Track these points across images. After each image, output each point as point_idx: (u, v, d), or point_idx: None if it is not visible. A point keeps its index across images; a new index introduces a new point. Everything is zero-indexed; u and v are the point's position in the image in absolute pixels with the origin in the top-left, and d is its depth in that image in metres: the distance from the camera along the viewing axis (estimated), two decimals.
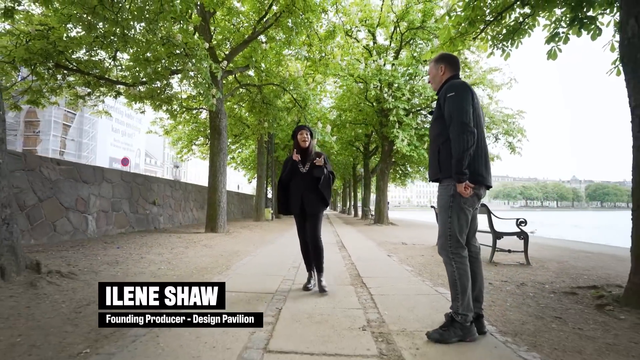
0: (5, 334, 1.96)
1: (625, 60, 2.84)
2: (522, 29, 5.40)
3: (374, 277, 3.88)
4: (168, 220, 10.93)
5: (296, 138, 3.29)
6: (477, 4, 4.75)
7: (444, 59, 2.31)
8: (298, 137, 3.27)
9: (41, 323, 2.15)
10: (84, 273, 3.44)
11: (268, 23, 9.40)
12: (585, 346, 2.00)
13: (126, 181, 8.91)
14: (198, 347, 1.90)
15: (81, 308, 2.45)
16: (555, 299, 3.02)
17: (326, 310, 2.61)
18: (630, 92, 2.82)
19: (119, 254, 4.86)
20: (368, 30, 14.83)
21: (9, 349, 1.78)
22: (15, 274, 2.88)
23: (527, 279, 3.81)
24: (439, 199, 2.22)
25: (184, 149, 19.36)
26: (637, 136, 2.74)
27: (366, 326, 2.30)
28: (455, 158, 2.00)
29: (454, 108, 2.05)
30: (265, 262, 4.80)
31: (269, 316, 2.46)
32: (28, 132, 38.72)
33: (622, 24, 2.87)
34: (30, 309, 2.37)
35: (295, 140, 3.29)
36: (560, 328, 2.30)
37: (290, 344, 1.97)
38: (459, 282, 2.08)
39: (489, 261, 4.90)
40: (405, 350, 1.92)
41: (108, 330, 2.10)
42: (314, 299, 2.94)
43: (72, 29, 8.72)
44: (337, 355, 1.83)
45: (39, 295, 2.63)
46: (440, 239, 2.21)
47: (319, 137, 10.01)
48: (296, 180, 3.23)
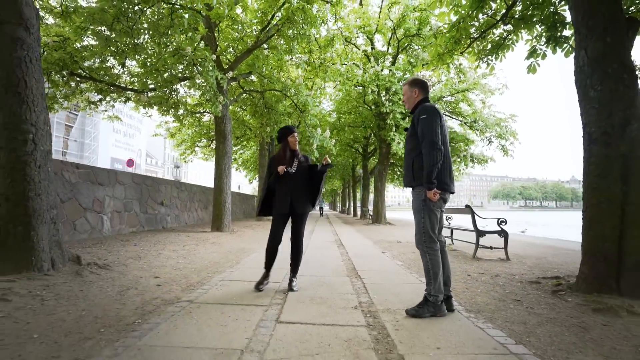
0: (72, 309, 2.47)
1: (578, 85, 3.36)
2: (505, 44, 5.92)
3: (368, 270, 4.40)
4: (175, 220, 11.45)
5: (287, 139, 3.29)
6: (461, 26, 5.26)
7: (417, 84, 2.77)
8: (290, 139, 3.29)
9: (96, 302, 2.67)
10: (115, 265, 3.97)
11: (270, 33, 9.92)
12: (530, 319, 2.52)
13: (137, 183, 9.43)
14: (224, 319, 2.41)
15: (123, 292, 2.97)
16: (521, 287, 3.54)
17: (325, 295, 3.13)
18: (582, 111, 3.33)
19: (138, 250, 5.38)
20: (366, 36, 15.36)
21: (79, 319, 2.30)
22: (62, 265, 3.39)
23: (502, 272, 4.33)
24: (414, 202, 2.69)
25: (187, 150, 19.90)
26: (586, 149, 3.26)
27: (358, 306, 2.82)
28: (426, 170, 2.50)
29: (426, 128, 2.52)
30: None
31: (278, 299, 2.98)
32: None
33: (576, 54, 3.39)
34: (83, 292, 2.88)
35: (286, 141, 3.30)
36: (515, 307, 2.82)
37: (296, 318, 2.48)
38: (431, 270, 2.60)
39: (472, 257, 5.42)
40: (387, 322, 2.44)
41: (150, 307, 2.62)
42: (314, 287, 3.45)
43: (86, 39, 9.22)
44: (334, 325, 2.35)
45: (86, 282, 3.15)
46: (417, 236, 2.71)
47: (317, 142, 10.50)
48: (284, 181, 3.23)
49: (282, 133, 3.34)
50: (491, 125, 13.81)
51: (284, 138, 3.31)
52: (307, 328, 2.27)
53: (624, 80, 3.07)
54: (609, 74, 3.11)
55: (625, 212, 3.00)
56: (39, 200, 3.26)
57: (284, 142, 3.31)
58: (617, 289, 2.96)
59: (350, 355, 1.88)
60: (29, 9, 3.40)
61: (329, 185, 47.05)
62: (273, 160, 3.34)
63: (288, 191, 3.24)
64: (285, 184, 3.24)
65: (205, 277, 3.79)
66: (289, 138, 3.29)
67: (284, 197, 3.23)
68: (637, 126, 3.02)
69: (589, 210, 3.20)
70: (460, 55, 6.37)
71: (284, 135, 3.31)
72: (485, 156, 15.17)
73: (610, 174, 3.06)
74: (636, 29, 3.28)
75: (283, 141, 3.31)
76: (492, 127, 13.80)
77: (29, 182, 3.21)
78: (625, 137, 3.03)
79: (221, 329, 2.22)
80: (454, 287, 3.50)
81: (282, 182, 3.24)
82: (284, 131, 3.34)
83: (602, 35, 3.15)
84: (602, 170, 3.11)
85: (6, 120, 3.17)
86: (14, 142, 3.18)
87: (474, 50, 6.15)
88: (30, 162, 3.24)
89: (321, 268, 4.49)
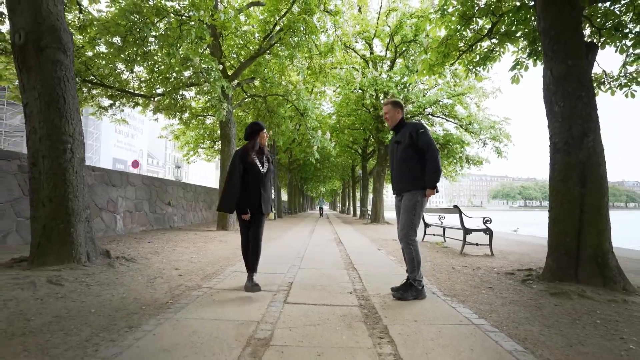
0: (114, 292, 2.97)
1: (545, 100, 3.85)
2: (492, 56, 6.40)
3: (363, 264, 4.89)
4: (181, 219, 11.95)
5: (257, 137, 3.21)
6: (449, 42, 5.75)
7: (399, 105, 3.28)
8: (262, 136, 3.23)
9: (131, 287, 3.16)
10: (139, 259, 4.46)
11: (273, 40, 10.41)
12: (496, 301, 3.01)
13: (146, 184, 9.93)
14: (240, 301, 2.90)
15: (152, 280, 3.46)
16: (496, 277, 4.03)
17: (325, 284, 3.62)
18: (548, 124, 3.82)
19: (154, 247, 5.87)
20: (365, 41, 15.84)
21: (122, 300, 2.79)
22: (95, 258, 3.89)
23: (484, 265, 4.82)
24: (406, 203, 3.09)
25: (190, 151, 20.41)
26: (551, 157, 3.75)
27: (352, 292, 3.31)
28: (434, 174, 2.98)
29: (429, 140, 3.03)
30: (275, 254, 5.80)
31: (284, 287, 3.47)
32: None
33: (544, 73, 3.88)
34: (118, 279, 3.38)
35: (255, 139, 3.21)
36: (487, 293, 3.32)
37: (300, 300, 2.98)
38: (415, 258, 3.08)
39: (459, 253, 5.91)
40: (376, 303, 2.93)
41: (177, 292, 3.12)
42: (315, 278, 3.94)
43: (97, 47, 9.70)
44: (332, 305, 2.84)
45: (119, 272, 3.65)
46: (404, 230, 3.11)
47: (318, 144, 10.98)
48: (254, 179, 3.18)
49: (253, 130, 3.22)
50: (485, 128, 14.29)
51: (254, 135, 3.21)
52: (310, 307, 2.77)
53: (582, 97, 3.56)
54: (569, 92, 3.60)
55: (583, 211, 3.49)
56: (77, 202, 3.76)
57: (254, 139, 3.21)
58: (576, 277, 3.45)
59: (344, 325, 2.37)
60: (66, 35, 3.89)
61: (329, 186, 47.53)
62: (242, 156, 3.18)
63: (258, 191, 3.20)
64: (256, 183, 3.19)
65: (219, 269, 4.28)
66: (261, 134, 3.23)
67: (255, 196, 3.19)
68: (592, 137, 3.51)
69: (553, 211, 3.70)
70: (450, 66, 6.87)
71: (256, 131, 3.21)
72: (481, 157, 15.64)
73: (570, 178, 3.55)
74: (595, 52, 3.76)
75: (253, 137, 3.21)
76: (486, 129, 14.28)
77: (68, 186, 3.70)
78: (582, 147, 3.52)
79: (239, 307, 2.71)
80: (438, 278, 4.00)
81: (252, 181, 3.17)
82: (255, 127, 3.22)
83: (565, 59, 3.64)
84: (563, 176, 3.60)
85: (49, 132, 3.66)
86: (56, 151, 3.68)
87: (464, 61, 6.65)
88: (69, 168, 3.73)
89: (322, 263, 4.99)
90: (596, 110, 3.61)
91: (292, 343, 2.04)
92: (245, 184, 3.17)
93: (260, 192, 3.21)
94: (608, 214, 3.50)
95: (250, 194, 3.19)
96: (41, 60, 3.67)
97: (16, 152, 5.95)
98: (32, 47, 3.64)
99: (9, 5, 3.68)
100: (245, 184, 3.17)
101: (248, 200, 3.18)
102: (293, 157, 24.57)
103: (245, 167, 3.16)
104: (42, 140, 3.65)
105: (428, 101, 14.43)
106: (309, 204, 61.01)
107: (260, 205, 3.23)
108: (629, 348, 2.02)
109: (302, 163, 27.73)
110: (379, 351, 1.96)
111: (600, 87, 5.80)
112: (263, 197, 3.24)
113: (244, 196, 3.17)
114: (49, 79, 3.70)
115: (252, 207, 3.20)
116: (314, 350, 1.94)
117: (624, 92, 5.62)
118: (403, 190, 3.16)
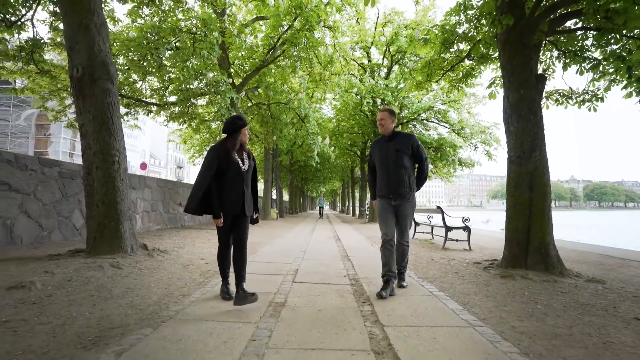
0: (161, 274, 3.84)
1: (504, 121, 4.71)
2: (472, 74, 7.25)
3: (357, 257, 5.76)
4: (190, 219, 12.81)
5: (239, 133, 2.89)
6: (431, 65, 6.61)
7: (394, 114, 3.56)
8: (243, 134, 2.93)
9: (172, 271, 4.03)
10: (170, 251, 5.34)
11: (276, 53, 11.28)
12: (457, 282, 3.88)
13: (160, 186, 10.80)
14: (258, 281, 3.77)
15: (186, 266, 4.33)
16: (465, 266, 4.90)
17: (324, 270, 4.49)
18: (507, 140, 4.68)
19: (175, 242, 6.75)
20: (363, 50, 16.71)
21: (170, 279, 3.66)
22: (136, 250, 4.75)
23: (459, 257, 5.69)
24: (407, 208, 3.39)
25: (195, 154, 21.31)
26: (508, 167, 4.61)
27: (346, 276, 4.18)
28: (424, 181, 3.51)
29: (424, 153, 3.49)
30: (280, 249, 6.67)
31: (292, 272, 4.33)
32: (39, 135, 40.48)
33: (503, 99, 4.74)
34: (160, 265, 4.25)
35: (237, 135, 2.88)
36: (453, 276, 4.18)
37: (305, 280, 3.84)
38: (407, 255, 3.69)
39: (442, 248, 6.78)
40: (364, 283, 3.79)
41: (209, 274, 3.98)
42: (316, 266, 4.80)
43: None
44: (329, 284, 3.70)
45: (158, 260, 4.52)
46: (406, 232, 3.49)
47: (318, 149, 11.84)
48: (234, 180, 2.86)
49: (235, 125, 2.88)
50: (476, 133, 15.16)
51: (237, 130, 2.88)
52: (313, 285, 3.64)
53: (531, 120, 4.43)
54: (522, 116, 4.47)
55: (531, 212, 4.35)
56: (123, 204, 4.63)
57: (235, 135, 2.88)
58: (525, 264, 4.32)
59: (338, 295, 3.23)
60: (113, 67, 4.76)
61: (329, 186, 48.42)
62: (219, 153, 2.82)
63: (242, 190, 2.89)
64: (236, 182, 2.86)
65: None
66: (243, 130, 2.92)
67: (236, 197, 2.86)
68: (538, 152, 4.38)
69: (509, 211, 4.56)
70: (435, 83, 7.75)
71: (239, 127, 2.88)
72: (472, 160, 16.51)
73: (521, 185, 4.42)
74: (544, 83, 4.62)
75: (235, 133, 2.88)
76: (477, 134, 15.15)
77: (117, 191, 4.57)
78: (531, 160, 4.38)
79: (259, 284, 3.58)
80: (417, 266, 4.86)
81: (232, 180, 2.85)
82: (238, 123, 2.89)
83: (518, 88, 4.50)
84: (516, 183, 4.46)
85: (101, 148, 4.53)
86: (106, 163, 4.54)
87: (447, 78, 7.52)
88: (117, 177, 4.60)
89: (322, 255, 5.86)
90: (543, 130, 4.48)
91: (300, 305, 2.91)
92: (223, 184, 2.84)
93: (243, 191, 2.89)
94: (550, 213, 4.37)
95: (230, 195, 2.85)
96: (94, 90, 4.54)
97: (56, 160, 6.82)
98: (87, 79, 4.51)
99: (68, 44, 4.55)
100: (223, 184, 2.84)
101: (227, 202, 2.84)
102: (294, 158, 25.47)
103: (223, 166, 2.81)
104: (95, 154, 4.53)
105: (422, 107, 15.30)
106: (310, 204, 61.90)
107: (244, 207, 2.89)
108: (536, 307, 2.89)
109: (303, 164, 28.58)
110: (361, 309, 2.83)
111: (568, 101, 6.69)
112: (246, 197, 2.91)
113: (222, 198, 2.83)
114: (101, 105, 4.57)
115: (234, 209, 2.86)
116: (315, 308, 2.81)
117: (587, 106, 6.50)
118: (402, 195, 3.37)
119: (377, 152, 3.58)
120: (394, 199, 3.40)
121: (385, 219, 3.42)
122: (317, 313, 2.69)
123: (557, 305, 2.98)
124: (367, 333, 2.27)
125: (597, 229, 24.87)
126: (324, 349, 2.00)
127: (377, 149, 3.59)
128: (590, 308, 2.91)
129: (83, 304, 2.72)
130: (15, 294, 2.82)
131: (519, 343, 2.14)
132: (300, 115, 12.90)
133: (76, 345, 1.97)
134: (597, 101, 6.38)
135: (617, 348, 2.09)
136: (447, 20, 6.48)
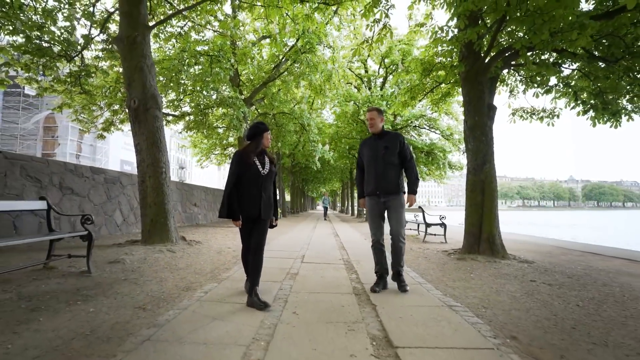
0: (203, 257, 5.18)
1: (464, 140, 6.05)
2: (450, 93, 8.58)
3: (352, 248, 7.11)
4: (204, 217, 14.17)
5: (261, 138, 2.96)
6: (414, 89, 7.96)
7: (382, 113, 3.59)
8: (265, 139, 2.99)
9: (209, 256, 5.38)
10: (202, 242, 6.69)
11: (281, 69, 12.63)
12: (423, 263, 5.22)
13: (178, 188, 12.15)
14: (275, 263, 5.11)
15: (219, 252, 5.68)
16: (435, 253, 6.24)
17: (325, 256, 5.84)
18: (466, 156, 6.02)
19: (201, 237, 8.10)
20: (360, 62, 18.07)
21: (211, 259, 5.00)
22: (178, 241, 6.10)
23: (433, 248, 7.03)
24: (397, 205, 3.42)
25: (202, 157, 22.70)
26: (466, 176, 5.95)
27: (341, 259, 5.52)
28: (417, 180, 3.48)
29: (409, 153, 3.48)
30: (289, 242, 8.01)
31: (300, 257, 5.67)
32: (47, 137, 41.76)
33: (464, 122, 6.07)
34: (200, 251, 5.59)
35: (259, 140, 2.96)
36: (421, 260, 5.52)
37: (311, 261, 5.19)
38: (403, 253, 3.55)
39: (422, 241, 8.13)
40: (354, 262, 5.14)
41: (237, 258, 5.33)
42: (318, 253, 6.14)
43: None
44: (328, 264, 5.04)
45: (196, 248, 5.86)
46: (402, 230, 3.45)
47: (319, 154, 13.18)
48: (254, 183, 2.91)
49: (257, 130, 2.97)
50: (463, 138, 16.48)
51: (258, 135, 2.96)
52: (317, 264, 4.98)
53: (483, 141, 5.78)
54: (476, 137, 5.81)
55: (483, 211, 5.70)
56: (169, 205, 5.98)
57: (257, 139, 2.96)
58: (478, 250, 5.66)
59: (335, 270, 4.58)
60: (160, 98, 6.11)
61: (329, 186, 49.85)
62: (243, 155, 2.91)
63: (258, 194, 2.92)
64: (256, 185, 2.91)
65: None
66: (265, 134, 2.99)
67: (255, 200, 2.90)
68: (489, 165, 5.72)
69: (467, 210, 5.91)
70: (419, 102, 9.10)
71: (261, 131, 2.97)
72: (461, 163, 17.84)
73: (476, 190, 5.76)
74: (494, 111, 5.96)
75: (257, 138, 2.96)
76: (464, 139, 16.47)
77: (164, 195, 5.92)
78: (483, 171, 5.73)
79: (278, 263, 4.93)
80: None
81: (252, 183, 2.90)
82: (260, 127, 2.98)
83: (474, 115, 5.85)
84: (472, 188, 5.81)
85: (152, 161, 5.87)
86: (156, 173, 5.89)
87: (430, 98, 8.86)
88: (164, 184, 5.95)
89: (323, 246, 7.21)
90: (492, 148, 5.83)
91: (308, 275, 4.25)
92: (242, 187, 2.89)
93: (260, 195, 2.91)
94: (497, 211, 5.71)
95: (248, 198, 2.89)
96: (147, 117, 5.89)
97: (103, 168, 8.17)
98: (142, 108, 5.86)
99: (126, 82, 5.90)
100: (242, 188, 2.89)
101: (244, 204, 2.89)
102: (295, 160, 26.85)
103: (243, 169, 2.89)
104: (148, 166, 5.87)
105: (414, 115, 16.65)
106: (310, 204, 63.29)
107: (260, 210, 2.92)
108: (469, 276, 4.24)
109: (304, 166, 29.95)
110: (350, 276, 4.17)
111: (532, 116, 8.05)
112: (263, 200, 2.93)
113: (240, 201, 2.89)
114: (152, 128, 5.92)
115: (252, 212, 2.90)
116: (319, 275, 4.15)
117: (546, 122, 7.85)
118: (390, 191, 3.40)
119: (366, 151, 3.58)
120: (381, 196, 3.42)
121: (374, 220, 3.52)
122: (320, 278, 4.04)
123: (485, 275, 4.33)
124: (352, 287, 3.62)
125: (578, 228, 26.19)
126: (324, 293, 3.35)
127: (366, 148, 3.59)
128: (506, 276, 4.25)
129: (164, 272, 4.07)
130: (116, 266, 4.17)
131: (445, 291, 3.48)
132: (302, 124, 14.26)
133: (177, 289, 3.32)
134: (553, 118, 7.74)
135: (503, 291, 3.44)
136: (426, 51, 7.83)
